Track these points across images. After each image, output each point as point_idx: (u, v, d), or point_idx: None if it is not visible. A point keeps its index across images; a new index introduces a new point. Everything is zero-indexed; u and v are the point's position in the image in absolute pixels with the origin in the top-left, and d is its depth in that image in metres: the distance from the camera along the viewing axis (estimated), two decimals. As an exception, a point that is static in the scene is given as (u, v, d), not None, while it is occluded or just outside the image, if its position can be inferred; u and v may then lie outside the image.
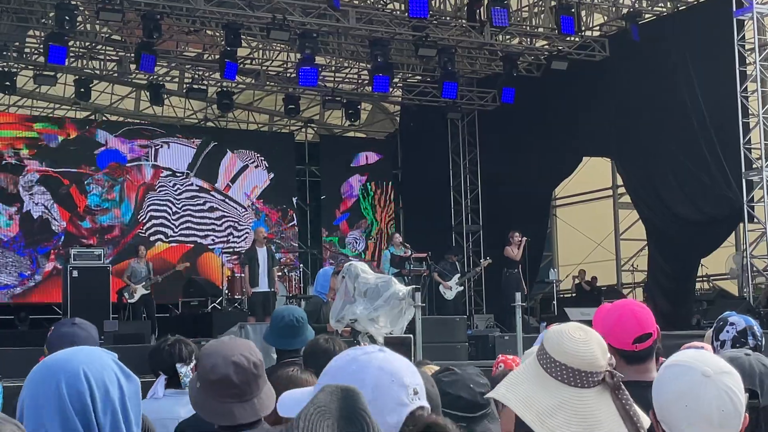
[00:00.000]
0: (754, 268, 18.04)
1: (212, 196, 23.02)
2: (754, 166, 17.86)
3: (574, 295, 21.53)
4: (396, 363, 1.95)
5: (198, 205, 22.85)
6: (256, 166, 23.67)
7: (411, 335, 4.13)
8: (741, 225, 18.71)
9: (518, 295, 13.08)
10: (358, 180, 24.73)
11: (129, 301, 17.62)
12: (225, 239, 22.81)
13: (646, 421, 2.35)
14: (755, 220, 17.93)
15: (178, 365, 4.97)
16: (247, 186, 23.47)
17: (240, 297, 17.89)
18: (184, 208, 22.68)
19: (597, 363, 2.31)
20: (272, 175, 23.69)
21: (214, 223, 22.90)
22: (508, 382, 2.42)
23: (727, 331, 4.56)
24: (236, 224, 23.12)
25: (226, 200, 23.17)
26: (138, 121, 23.96)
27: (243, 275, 17.29)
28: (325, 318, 9.87)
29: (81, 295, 16.28)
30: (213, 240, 22.73)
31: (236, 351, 3.15)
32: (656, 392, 2.31)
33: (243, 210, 23.33)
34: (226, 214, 23.08)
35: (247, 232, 22.56)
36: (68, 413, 2.14)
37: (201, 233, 22.72)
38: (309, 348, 5.30)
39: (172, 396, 4.95)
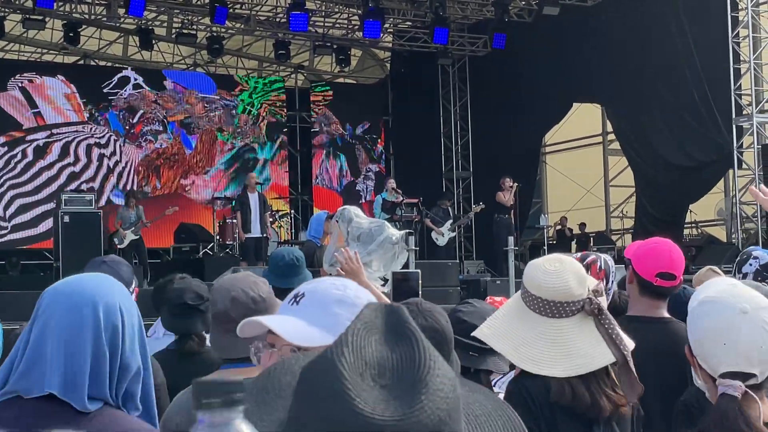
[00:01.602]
0: (743, 214, 18.15)
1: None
2: (744, 112, 17.90)
3: (554, 242, 21.64)
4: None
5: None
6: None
7: (419, 270, 4.16)
8: (730, 171, 18.79)
9: (510, 240, 13.16)
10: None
11: (119, 246, 17.63)
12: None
13: (630, 344, 2.39)
14: (744, 166, 18.00)
15: (180, 306, 4.99)
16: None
17: (231, 242, 17.92)
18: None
19: (570, 292, 2.36)
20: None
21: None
22: (489, 319, 2.50)
23: (750, 264, 4.60)
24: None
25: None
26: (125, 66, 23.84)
27: (235, 221, 17.31)
28: (318, 262, 9.90)
29: (72, 241, 16.26)
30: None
31: (237, 286, 3.20)
32: (692, 328, 2.25)
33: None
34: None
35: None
36: (102, 346, 2.14)
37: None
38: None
39: (171, 336, 4.99)
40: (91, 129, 22.33)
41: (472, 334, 2.72)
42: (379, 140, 24.98)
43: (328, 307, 1.86)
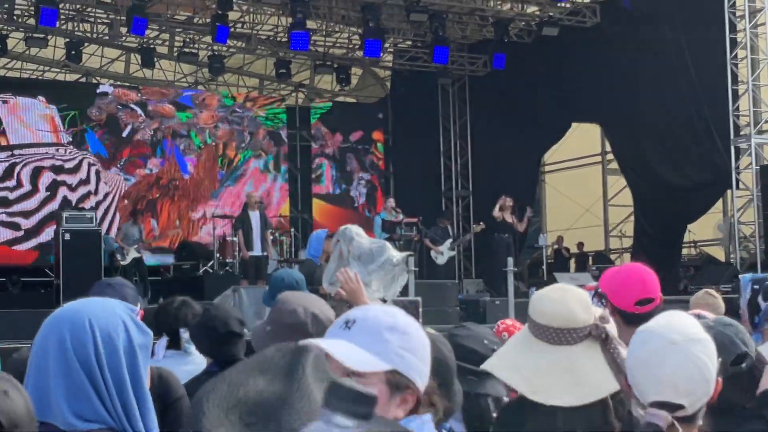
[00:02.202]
0: (742, 234, 18.21)
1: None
2: (742, 132, 17.97)
3: (552, 261, 21.69)
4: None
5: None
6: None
7: (419, 298, 4.20)
8: (728, 191, 18.85)
9: (510, 260, 13.20)
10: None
11: (121, 262, 17.68)
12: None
13: None
14: (742, 186, 18.07)
15: (181, 330, 5.05)
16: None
17: (232, 260, 17.97)
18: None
19: (574, 319, 2.38)
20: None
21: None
22: (499, 351, 2.53)
23: None
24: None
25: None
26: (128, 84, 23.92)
27: (235, 239, 17.36)
28: (318, 281, 9.94)
29: (73, 258, 16.30)
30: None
31: (316, 305, 3.27)
32: (628, 357, 2.30)
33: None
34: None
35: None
36: (72, 364, 2.13)
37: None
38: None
39: (172, 357, 5.03)
40: (67, 151, 21.45)
41: (481, 367, 2.74)
42: (371, 150, 24.93)
43: (380, 333, 1.91)
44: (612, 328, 2.47)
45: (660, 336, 2.22)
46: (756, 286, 4.64)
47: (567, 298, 2.42)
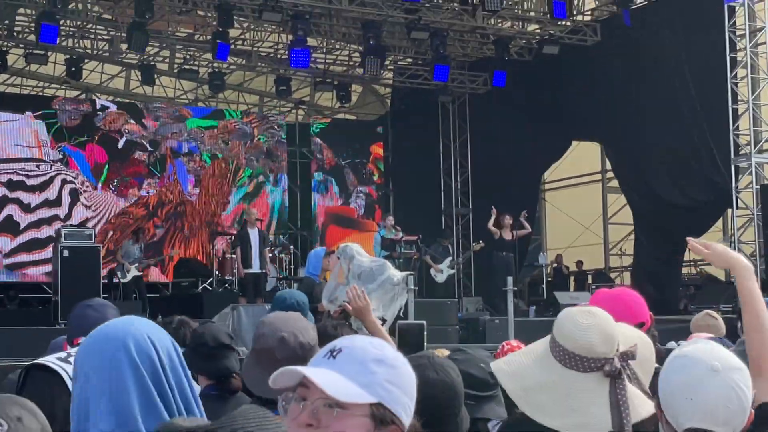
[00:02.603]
0: (741, 253, 18.15)
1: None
2: (742, 152, 17.96)
3: (551, 279, 21.66)
4: None
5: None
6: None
7: (424, 322, 4.16)
8: (729, 210, 18.83)
9: (510, 280, 13.15)
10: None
11: (121, 280, 17.64)
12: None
13: (637, 414, 2.33)
14: (742, 205, 18.05)
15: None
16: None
17: (231, 278, 17.93)
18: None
19: (594, 350, 2.32)
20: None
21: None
22: (509, 356, 2.48)
23: None
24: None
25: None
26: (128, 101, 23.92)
27: (234, 256, 17.33)
28: (317, 299, 9.91)
29: (71, 275, 16.27)
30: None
31: (288, 327, 3.19)
32: (662, 382, 2.29)
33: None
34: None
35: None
36: (143, 379, 2.20)
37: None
38: (318, 335, 5.34)
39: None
40: (41, 167, 20.87)
41: (490, 364, 2.71)
42: (368, 163, 24.92)
43: (367, 364, 1.85)
44: (636, 365, 2.40)
45: (701, 362, 2.21)
46: None
47: (591, 326, 2.35)
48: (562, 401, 2.30)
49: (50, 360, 3.01)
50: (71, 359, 2.92)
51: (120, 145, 22.01)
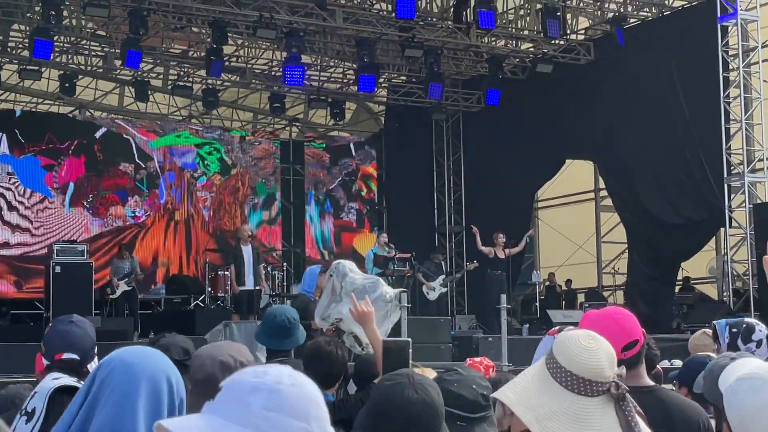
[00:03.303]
0: (735, 273, 18.18)
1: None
2: (735, 171, 18.00)
3: (543, 297, 21.64)
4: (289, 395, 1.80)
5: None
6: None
7: (409, 339, 4.12)
8: (722, 230, 18.85)
9: (503, 297, 13.12)
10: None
11: (111, 296, 17.59)
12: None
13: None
14: (736, 224, 18.07)
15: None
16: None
17: (223, 294, 17.88)
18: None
19: (602, 373, 2.32)
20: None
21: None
22: (513, 384, 2.43)
23: (760, 331, 4.58)
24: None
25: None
26: (125, 117, 23.91)
27: (227, 273, 17.28)
28: (311, 316, 9.88)
29: (64, 291, 16.23)
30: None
31: (224, 352, 3.17)
32: (733, 406, 2.27)
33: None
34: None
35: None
36: (162, 416, 2.16)
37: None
38: (311, 351, 5.32)
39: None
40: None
41: (493, 395, 2.68)
42: (357, 180, 24.94)
43: (242, 397, 1.74)
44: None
45: None
46: (734, 330, 4.64)
47: (598, 350, 2.35)
48: (574, 427, 2.28)
49: (73, 381, 2.99)
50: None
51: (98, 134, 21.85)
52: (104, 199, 21.64)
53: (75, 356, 3.65)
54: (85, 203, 21.36)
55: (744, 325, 4.66)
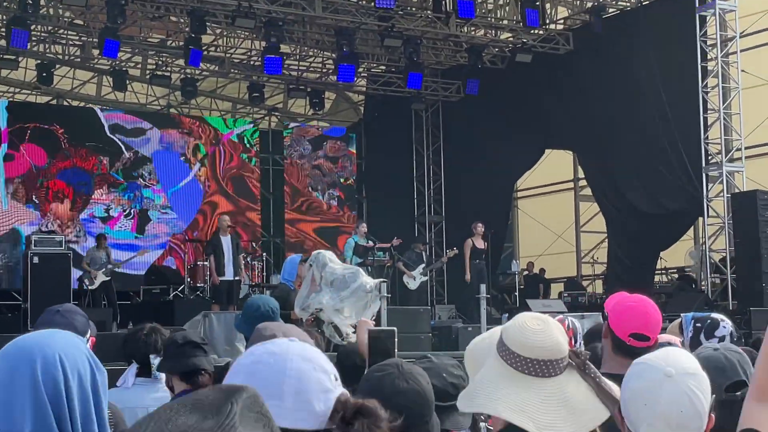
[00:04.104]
0: (712, 262, 18.27)
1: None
2: (713, 160, 18.07)
3: (522, 287, 21.67)
4: (312, 350, 1.87)
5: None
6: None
7: (394, 328, 4.11)
8: (700, 219, 18.93)
9: (483, 287, 13.14)
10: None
11: (89, 287, 17.49)
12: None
13: (617, 390, 2.36)
14: (713, 214, 18.16)
15: (151, 356, 4.97)
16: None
17: (202, 285, 17.82)
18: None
19: (560, 348, 2.31)
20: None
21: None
22: (482, 390, 2.36)
23: (724, 327, 4.62)
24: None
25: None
26: (105, 107, 23.78)
27: (206, 263, 17.22)
28: (291, 306, 9.86)
29: (41, 282, 16.13)
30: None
31: (293, 333, 3.20)
32: (621, 389, 2.32)
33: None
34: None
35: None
36: (42, 400, 2.08)
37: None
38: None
39: (142, 385, 4.96)
40: None
41: (469, 410, 2.65)
42: (336, 166, 24.93)
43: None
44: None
45: (655, 369, 2.24)
46: (698, 324, 4.68)
47: (550, 329, 2.33)
48: (561, 411, 2.28)
49: None
50: None
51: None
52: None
53: None
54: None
55: (708, 321, 4.69)
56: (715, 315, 4.81)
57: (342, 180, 24.91)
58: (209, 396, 1.28)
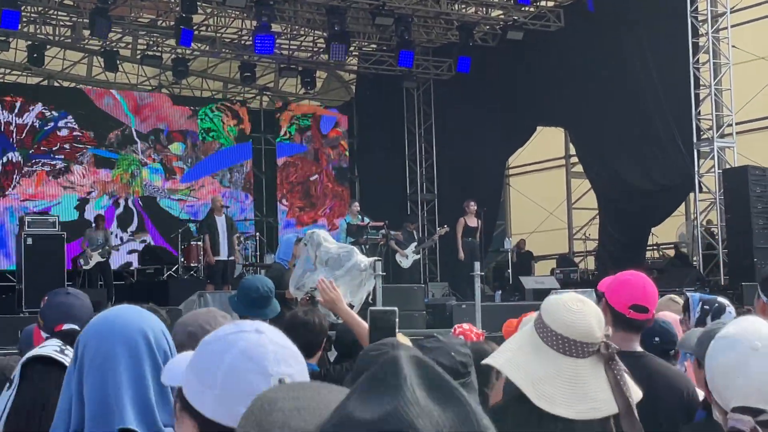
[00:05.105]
0: (704, 237, 18.36)
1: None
2: (704, 136, 18.14)
3: (514, 263, 21.76)
4: (267, 348, 1.73)
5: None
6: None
7: (395, 308, 4.14)
8: (691, 195, 19.01)
9: (477, 264, 13.20)
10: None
11: (84, 267, 17.51)
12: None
13: (637, 393, 2.41)
14: (705, 189, 18.23)
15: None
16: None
17: (196, 265, 17.85)
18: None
19: (592, 334, 2.38)
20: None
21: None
22: (504, 350, 2.49)
23: (730, 313, 4.69)
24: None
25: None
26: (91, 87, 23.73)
27: (200, 243, 17.24)
28: (286, 285, 9.90)
29: (36, 263, 16.14)
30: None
31: (197, 321, 3.20)
32: (708, 364, 2.35)
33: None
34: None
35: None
36: (160, 368, 2.18)
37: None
38: (288, 322, 5.36)
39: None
40: None
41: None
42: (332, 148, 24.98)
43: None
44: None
45: (742, 342, 2.28)
46: (706, 307, 4.74)
47: (587, 312, 2.42)
48: (570, 389, 2.34)
49: (49, 351, 3.00)
50: (68, 352, 2.91)
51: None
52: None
53: (75, 326, 3.66)
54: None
55: (716, 304, 4.77)
56: (721, 299, 4.88)
57: (334, 159, 24.96)
58: (423, 374, 1.19)
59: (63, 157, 21.96)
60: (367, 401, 1.12)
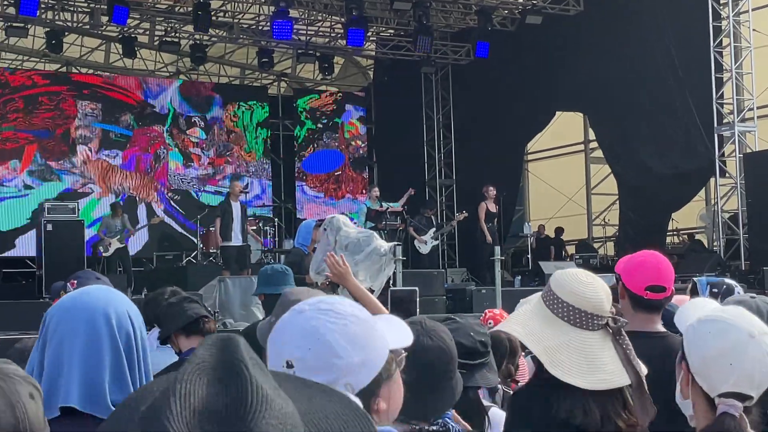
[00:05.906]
0: (724, 222, 18.25)
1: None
2: (725, 120, 18.00)
3: (534, 247, 21.71)
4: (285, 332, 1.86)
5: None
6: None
7: (416, 288, 4.13)
8: (712, 179, 18.90)
9: (497, 249, 13.17)
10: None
11: (104, 255, 17.57)
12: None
13: (644, 368, 2.42)
14: (726, 174, 18.11)
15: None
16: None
17: (215, 250, 17.86)
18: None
19: (601, 306, 2.41)
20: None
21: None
22: (516, 318, 2.51)
23: (738, 293, 4.66)
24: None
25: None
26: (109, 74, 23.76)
27: (214, 227, 17.22)
28: (305, 270, 9.89)
29: (55, 249, 16.20)
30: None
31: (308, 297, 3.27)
32: (695, 346, 2.31)
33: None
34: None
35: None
36: (118, 350, 2.22)
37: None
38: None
39: (163, 349, 4.99)
40: None
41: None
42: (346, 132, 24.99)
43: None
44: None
45: (739, 329, 2.27)
46: (715, 290, 4.72)
47: (597, 285, 2.45)
48: (580, 360, 2.36)
49: None
50: None
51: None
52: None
53: None
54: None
55: (724, 286, 4.75)
56: (728, 281, 4.86)
57: (353, 144, 24.94)
58: (219, 358, 1.19)
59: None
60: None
